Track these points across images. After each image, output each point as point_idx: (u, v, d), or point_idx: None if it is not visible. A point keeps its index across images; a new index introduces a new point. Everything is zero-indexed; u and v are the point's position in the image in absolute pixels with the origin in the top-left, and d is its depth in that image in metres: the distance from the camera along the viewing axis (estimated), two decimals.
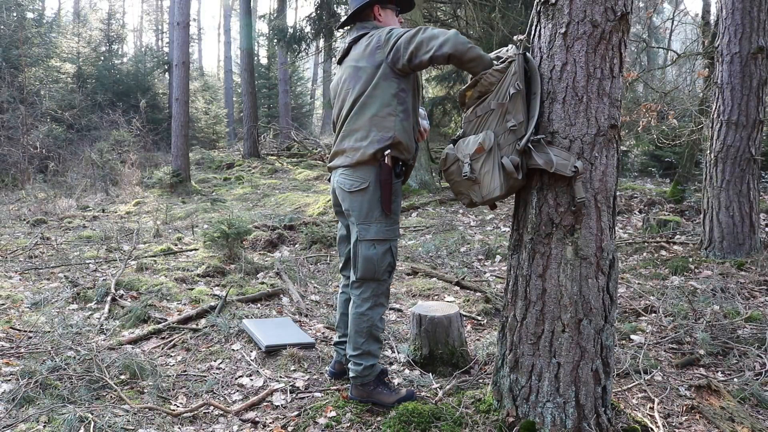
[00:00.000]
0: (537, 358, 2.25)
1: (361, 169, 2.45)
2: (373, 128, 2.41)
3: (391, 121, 2.41)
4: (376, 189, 2.44)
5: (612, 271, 2.23)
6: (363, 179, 2.45)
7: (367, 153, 2.41)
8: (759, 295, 4.08)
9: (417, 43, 2.31)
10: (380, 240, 2.48)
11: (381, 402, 2.56)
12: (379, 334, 2.59)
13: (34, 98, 13.85)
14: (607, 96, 2.16)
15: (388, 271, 2.54)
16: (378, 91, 2.41)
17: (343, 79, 2.55)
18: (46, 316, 3.77)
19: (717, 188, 5.08)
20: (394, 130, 2.41)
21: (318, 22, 12.68)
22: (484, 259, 5.51)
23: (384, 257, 2.49)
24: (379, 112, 2.41)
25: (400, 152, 2.45)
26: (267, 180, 12.04)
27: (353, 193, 2.47)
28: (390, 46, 2.37)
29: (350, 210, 2.52)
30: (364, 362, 2.56)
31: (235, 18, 26.43)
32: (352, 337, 2.58)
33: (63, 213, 8.29)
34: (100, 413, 2.53)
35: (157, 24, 29.02)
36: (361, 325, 2.54)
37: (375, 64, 2.41)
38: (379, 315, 2.57)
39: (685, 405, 2.57)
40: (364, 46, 2.47)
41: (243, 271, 4.90)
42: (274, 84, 21.13)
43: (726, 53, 4.99)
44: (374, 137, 2.41)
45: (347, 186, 2.49)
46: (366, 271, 2.50)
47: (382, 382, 2.63)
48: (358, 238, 2.49)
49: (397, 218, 2.55)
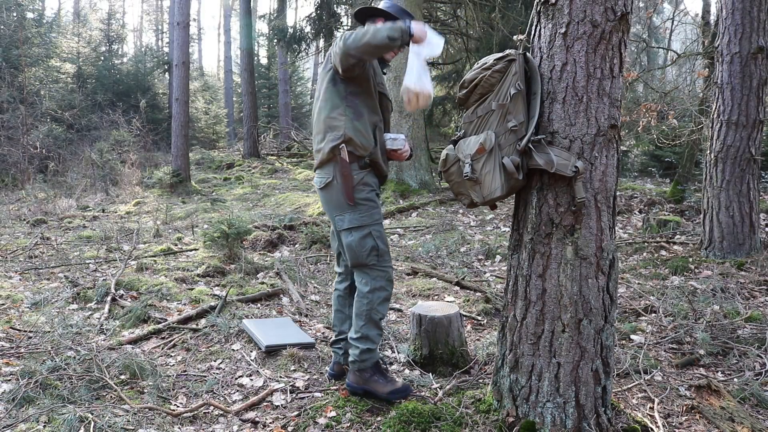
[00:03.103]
0: (537, 358, 2.25)
1: (325, 167, 2.62)
2: (327, 130, 2.58)
3: (341, 121, 2.55)
4: (339, 182, 2.57)
5: (612, 271, 2.23)
6: (327, 175, 2.61)
7: (325, 152, 2.58)
8: (759, 295, 4.08)
9: (336, 47, 2.42)
10: (356, 227, 2.58)
11: (375, 391, 2.61)
12: (379, 319, 2.65)
13: (34, 98, 13.84)
14: (607, 96, 2.16)
15: (374, 255, 2.60)
16: (329, 95, 2.59)
17: (318, 86, 2.71)
18: (46, 316, 3.77)
19: (717, 188, 5.08)
20: (344, 128, 2.54)
21: (318, 22, 12.68)
22: (484, 259, 5.51)
23: (362, 242, 2.57)
24: (330, 113, 2.58)
25: (355, 149, 2.56)
26: (267, 180, 12.05)
27: (322, 189, 2.65)
28: (331, 51, 2.51)
29: (324, 205, 2.71)
30: (361, 345, 2.62)
31: (235, 18, 26.44)
32: (353, 321, 2.68)
33: (63, 213, 8.29)
34: (100, 413, 2.53)
35: (157, 24, 29.03)
36: (361, 308, 2.63)
37: (327, 69, 2.60)
38: (379, 299, 2.62)
39: (685, 405, 2.57)
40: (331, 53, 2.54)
41: (243, 271, 4.90)
42: (274, 84, 21.13)
43: (726, 53, 4.99)
44: (329, 138, 2.57)
45: (318, 183, 2.69)
46: (352, 257, 2.62)
47: (378, 370, 2.67)
48: (336, 229, 2.66)
49: (374, 204, 2.63)
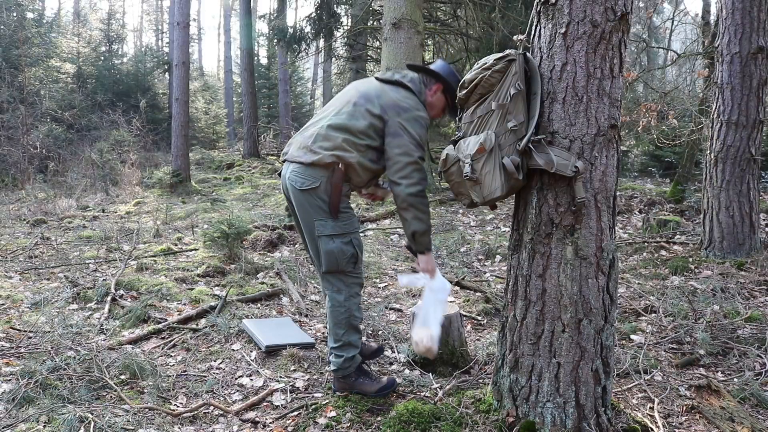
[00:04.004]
0: (537, 358, 2.25)
1: (314, 170, 2.51)
2: (338, 146, 2.50)
3: (356, 152, 2.50)
4: (326, 189, 2.50)
5: (612, 271, 2.23)
6: (313, 179, 2.50)
7: (324, 160, 2.48)
8: (759, 295, 4.08)
9: (398, 155, 2.46)
10: (338, 234, 2.55)
11: (363, 392, 2.65)
12: (358, 324, 2.67)
13: (34, 98, 13.84)
14: (607, 96, 2.16)
15: (352, 263, 2.59)
16: (365, 126, 2.50)
17: (353, 98, 2.58)
18: (46, 316, 3.77)
19: (717, 188, 5.08)
20: (354, 158, 2.50)
21: (318, 22, 12.68)
22: (484, 259, 5.51)
23: (345, 249, 2.56)
24: (353, 138, 2.50)
25: (348, 173, 2.53)
26: (267, 180, 12.04)
27: (303, 192, 2.52)
28: (395, 130, 2.47)
29: (303, 207, 2.56)
30: (345, 354, 2.63)
31: (235, 18, 26.43)
32: (331, 330, 2.66)
33: (63, 213, 8.28)
34: (100, 413, 2.53)
35: (157, 24, 29.02)
36: (339, 317, 2.62)
37: (378, 115, 2.50)
38: (355, 305, 2.64)
39: (685, 405, 2.57)
40: (392, 96, 2.53)
41: (243, 271, 4.89)
42: (274, 84, 21.11)
43: (726, 53, 4.99)
44: (335, 151, 2.49)
45: (298, 184, 2.53)
46: (330, 264, 2.57)
47: (362, 372, 2.70)
48: (317, 234, 2.55)
49: (352, 212, 2.64)
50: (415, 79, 2.62)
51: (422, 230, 2.50)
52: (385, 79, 2.62)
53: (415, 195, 2.45)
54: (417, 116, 2.49)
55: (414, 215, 2.47)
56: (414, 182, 2.45)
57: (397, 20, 7.99)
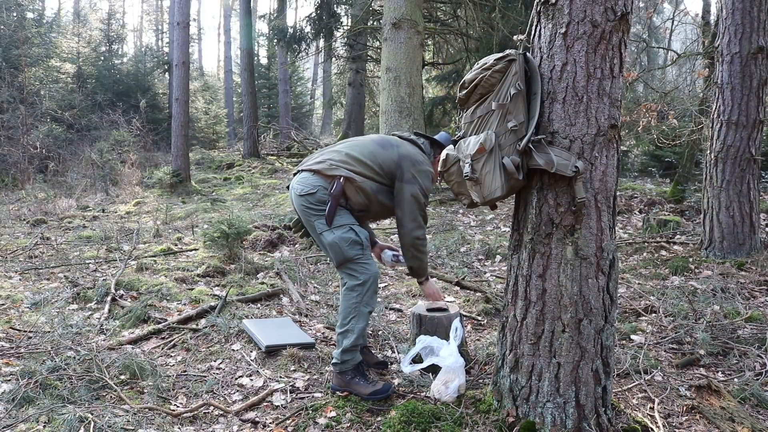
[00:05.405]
0: (537, 358, 2.25)
1: (316, 178, 2.70)
2: (349, 164, 2.72)
3: (361, 173, 2.71)
4: (322, 198, 2.67)
5: (612, 271, 2.23)
6: (313, 186, 2.68)
7: (329, 171, 2.69)
8: (759, 295, 4.08)
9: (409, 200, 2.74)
10: (337, 226, 2.68)
11: (357, 392, 2.67)
12: (368, 312, 2.72)
13: (34, 98, 13.84)
14: (607, 96, 2.16)
15: (358, 248, 2.68)
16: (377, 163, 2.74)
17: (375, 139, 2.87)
18: (46, 316, 3.77)
19: (717, 188, 5.08)
20: (359, 179, 2.70)
21: (318, 22, 12.69)
22: (484, 259, 5.51)
23: (344, 236, 2.66)
24: (363, 165, 2.73)
25: (347, 191, 2.70)
26: (267, 180, 12.04)
27: (302, 197, 2.70)
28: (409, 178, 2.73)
29: (303, 208, 2.73)
30: (345, 341, 2.67)
31: (235, 18, 26.44)
32: (340, 312, 2.72)
33: (63, 213, 8.28)
34: (100, 413, 2.53)
35: (157, 24, 29.03)
36: (351, 301, 2.68)
37: (395, 160, 2.75)
38: (370, 290, 2.71)
39: (685, 405, 2.57)
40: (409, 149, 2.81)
41: (243, 271, 4.89)
42: (274, 84, 21.12)
43: (726, 53, 4.99)
44: (343, 167, 2.71)
45: (298, 190, 2.72)
46: (336, 255, 2.68)
47: (359, 372, 2.73)
48: (318, 232, 2.71)
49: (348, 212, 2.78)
50: (426, 144, 2.95)
51: (418, 266, 2.87)
52: (403, 137, 2.94)
53: (419, 238, 2.78)
54: (427, 171, 2.79)
55: (413, 254, 2.82)
56: (419, 226, 2.78)
57: (397, 20, 7.99)
